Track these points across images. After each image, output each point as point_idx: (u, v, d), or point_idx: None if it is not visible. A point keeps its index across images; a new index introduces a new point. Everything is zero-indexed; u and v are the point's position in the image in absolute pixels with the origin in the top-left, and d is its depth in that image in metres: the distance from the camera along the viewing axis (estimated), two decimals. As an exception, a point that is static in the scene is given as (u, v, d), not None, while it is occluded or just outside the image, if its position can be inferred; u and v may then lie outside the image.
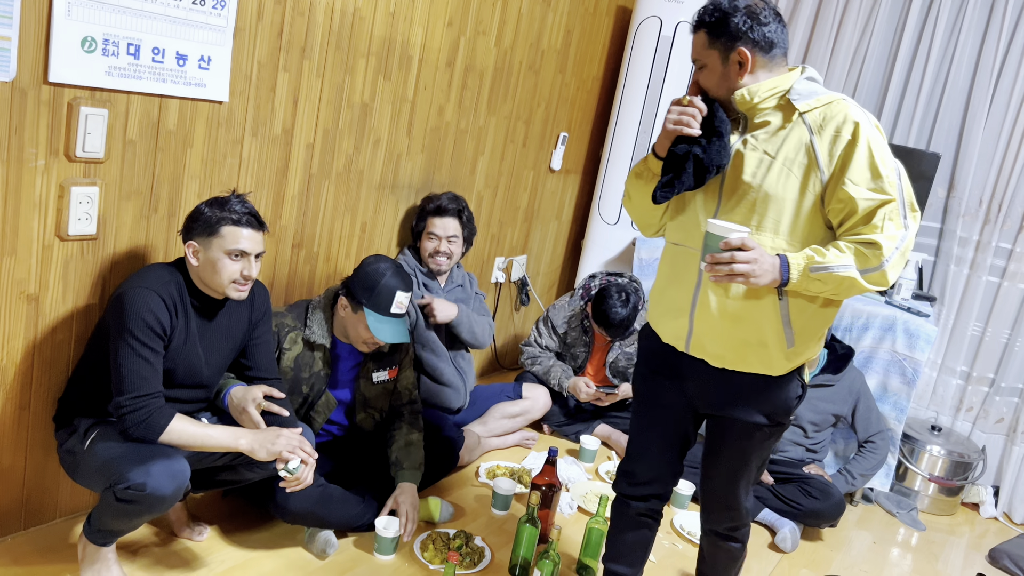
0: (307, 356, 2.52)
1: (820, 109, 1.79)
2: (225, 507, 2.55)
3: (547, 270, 4.35)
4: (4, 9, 1.82)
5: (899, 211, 1.74)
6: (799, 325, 1.85)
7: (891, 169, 1.75)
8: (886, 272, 1.74)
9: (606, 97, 4.26)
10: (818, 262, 1.73)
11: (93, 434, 2.03)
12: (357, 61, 2.75)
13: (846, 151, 1.75)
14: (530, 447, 3.41)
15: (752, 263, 1.70)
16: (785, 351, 1.86)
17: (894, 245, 1.73)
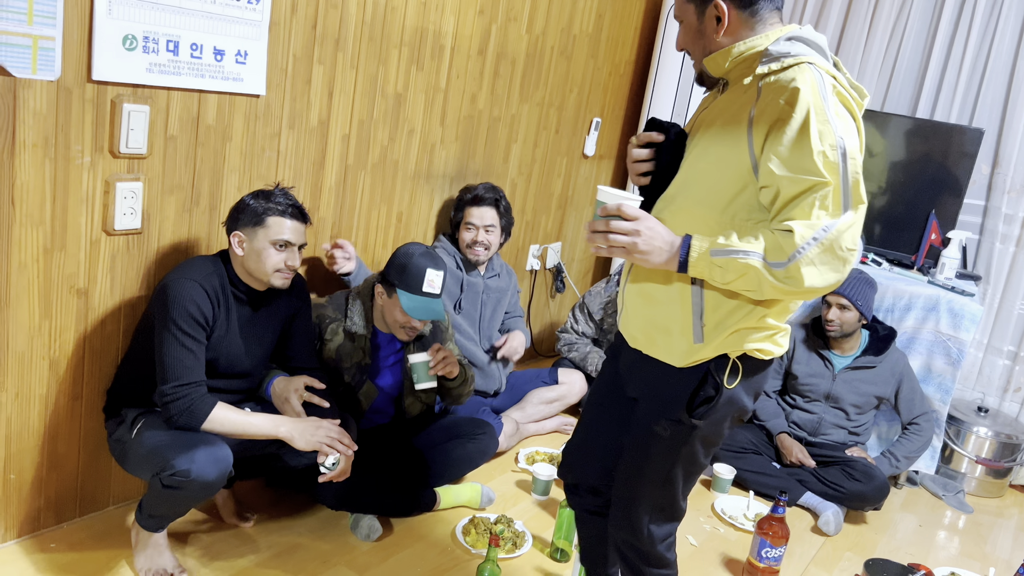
0: (348, 346, 2.55)
1: (779, 74, 1.49)
2: (271, 495, 2.60)
3: (582, 257, 4.35)
4: (47, 10, 1.87)
5: (837, 198, 1.44)
6: (712, 321, 1.58)
7: (831, 146, 1.44)
8: (799, 268, 1.42)
9: (639, 81, 4.24)
10: (720, 244, 1.48)
11: (140, 423, 2.09)
12: (390, 52, 2.77)
13: (779, 122, 1.46)
14: (569, 432, 3.42)
15: (633, 235, 1.50)
16: (690, 344, 1.60)
17: (813, 235, 1.42)
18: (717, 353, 1.59)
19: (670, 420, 1.63)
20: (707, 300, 1.57)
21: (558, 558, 2.50)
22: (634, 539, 1.75)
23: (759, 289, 1.48)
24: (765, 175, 1.48)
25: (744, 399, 1.65)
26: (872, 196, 3.78)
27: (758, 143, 1.48)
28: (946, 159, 3.64)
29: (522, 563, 2.47)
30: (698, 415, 1.61)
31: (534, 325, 4.11)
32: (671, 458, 1.67)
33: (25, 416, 2.11)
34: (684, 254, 1.50)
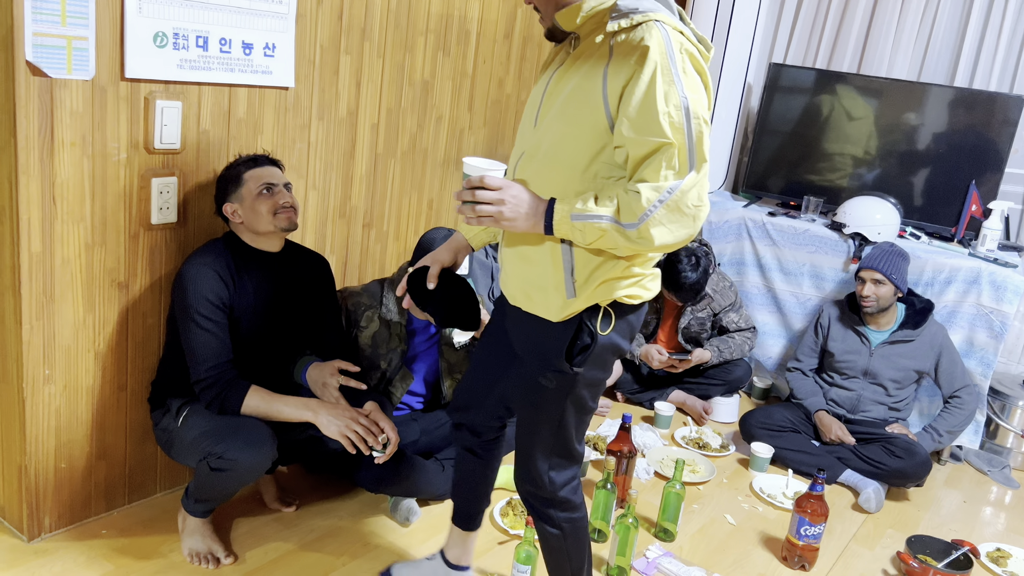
0: (383, 333, 2.59)
1: (628, 32, 1.50)
2: (311, 480, 2.65)
3: (615, 238, 4.32)
4: (79, 10, 1.91)
5: (683, 157, 1.47)
6: (582, 277, 1.63)
7: (676, 107, 1.46)
8: (648, 228, 1.48)
9: (668, 59, 4.18)
10: (579, 209, 1.53)
11: (185, 412, 2.15)
12: (416, 39, 2.78)
13: (630, 82, 1.47)
14: (604, 415, 3.43)
15: (498, 204, 1.55)
16: (564, 299, 1.65)
17: (658, 197, 1.46)
18: (588, 304, 1.65)
19: (553, 371, 1.70)
20: (576, 258, 1.62)
21: (595, 538, 2.51)
22: (537, 488, 1.83)
23: (618, 247, 1.55)
24: (617, 136, 1.52)
25: (619, 341, 1.72)
26: (910, 168, 3.71)
27: (613, 104, 1.51)
28: (986, 128, 3.55)
29: (560, 544, 2.49)
30: (578, 363, 1.68)
31: (568, 308, 4.11)
32: (560, 406, 1.74)
33: (73, 407, 2.18)
34: (548, 219, 1.57)
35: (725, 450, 3.25)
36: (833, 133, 3.84)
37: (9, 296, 2.03)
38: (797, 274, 3.70)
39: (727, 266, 3.86)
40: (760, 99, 3.98)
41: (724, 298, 3.52)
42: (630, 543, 2.29)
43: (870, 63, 4.00)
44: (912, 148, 3.70)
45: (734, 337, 3.52)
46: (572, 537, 1.87)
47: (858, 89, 3.78)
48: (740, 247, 3.83)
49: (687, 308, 3.47)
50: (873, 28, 3.98)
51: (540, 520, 1.87)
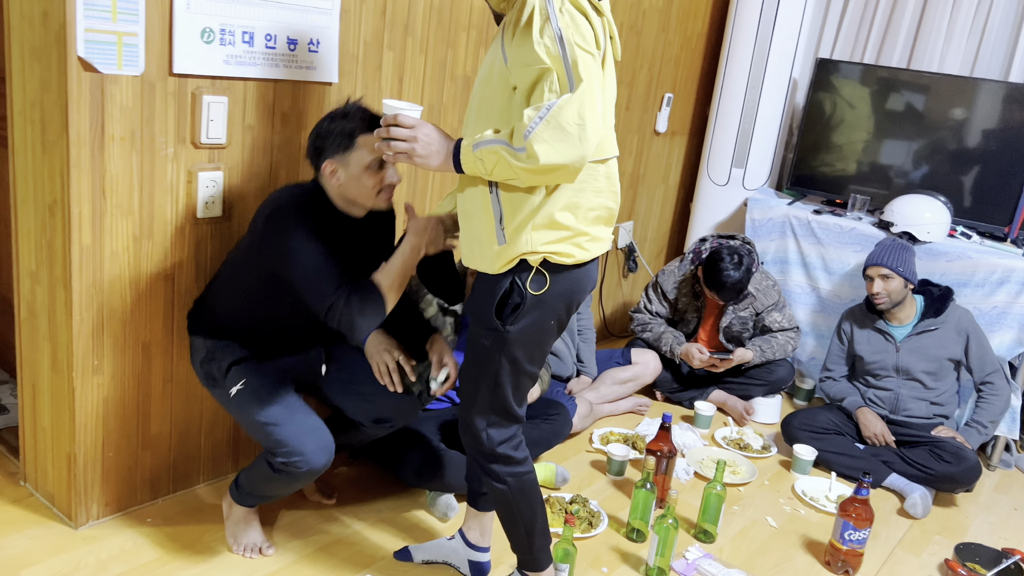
0: (440, 319, 2.60)
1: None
2: (351, 473, 2.67)
3: (655, 235, 4.29)
4: (129, 7, 1.94)
5: (563, 81, 1.57)
6: (510, 224, 1.70)
7: (551, 38, 1.56)
8: (531, 145, 1.55)
9: (712, 54, 4.14)
10: (479, 138, 1.64)
11: (238, 385, 2.08)
12: (458, 34, 2.78)
13: (514, 29, 1.61)
14: (643, 413, 3.40)
15: (411, 141, 1.66)
16: (496, 247, 1.73)
17: (538, 115, 1.55)
18: (520, 251, 1.71)
19: (487, 328, 1.78)
20: (504, 205, 1.70)
21: (634, 538, 2.49)
22: (476, 442, 1.90)
23: (515, 175, 1.62)
24: (512, 77, 1.64)
25: (555, 303, 1.77)
26: (960, 166, 3.61)
27: (507, 53, 1.64)
28: (1043, 124, 3.44)
29: (597, 543, 2.47)
30: (509, 321, 1.75)
31: (606, 305, 4.09)
32: (494, 364, 1.80)
33: (120, 397, 2.22)
34: (456, 153, 1.67)
35: (767, 451, 3.20)
36: (881, 129, 3.76)
37: (60, 288, 2.07)
38: (842, 273, 3.63)
39: (770, 264, 3.80)
40: (806, 95, 3.91)
41: (767, 297, 3.46)
42: (670, 544, 2.27)
43: (920, 58, 3.90)
44: (963, 145, 3.60)
45: (777, 337, 3.47)
46: (518, 492, 1.93)
47: (907, 84, 3.69)
48: (784, 245, 3.77)
49: (729, 307, 3.43)
50: (924, 22, 3.88)
51: (486, 475, 1.94)
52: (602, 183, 1.77)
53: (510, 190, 1.69)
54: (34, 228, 2.11)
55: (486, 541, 2.19)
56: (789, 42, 3.77)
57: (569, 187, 1.71)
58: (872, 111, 3.77)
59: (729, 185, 3.96)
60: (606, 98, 1.73)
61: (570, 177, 1.63)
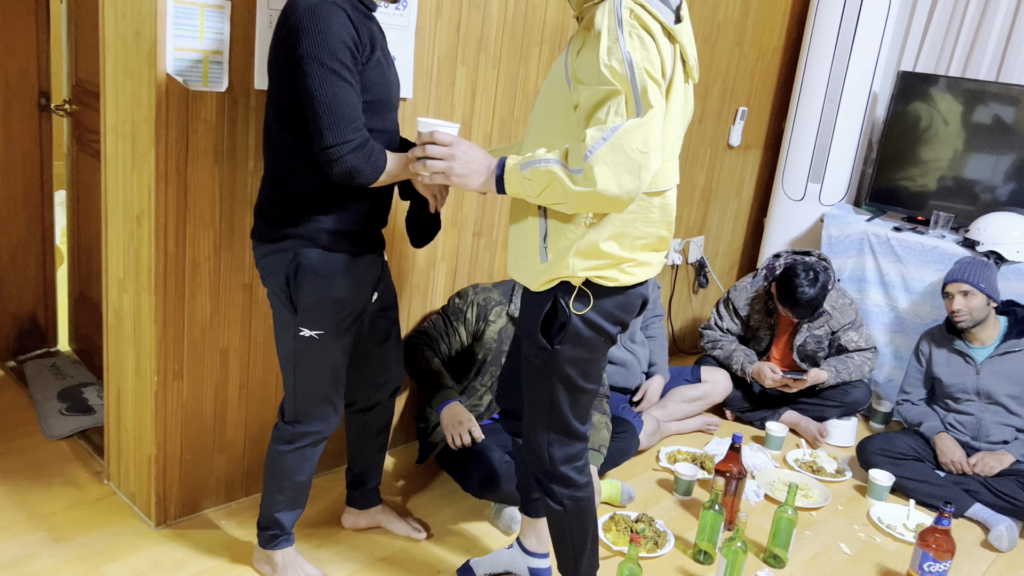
0: (509, 330, 2.63)
1: (592, 9, 1.59)
2: (416, 483, 2.69)
3: (727, 251, 4.22)
4: (216, 27, 2.02)
5: (630, 105, 1.50)
6: (554, 244, 1.67)
7: (619, 60, 1.51)
8: (592, 168, 1.48)
9: (788, 68, 4.06)
10: (528, 157, 1.56)
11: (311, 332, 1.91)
12: (531, 49, 2.80)
13: (581, 49, 1.57)
14: (712, 432, 3.34)
15: (448, 159, 1.59)
16: (538, 264, 1.70)
17: (601, 136, 1.48)
18: (560, 274, 1.68)
19: (537, 347, 1.75)
20: (550, 224, 1.67)
21: (701, 560, 2.44)
22: (538, 460, 1.86)
23: (566, 198, 1.54)
24: (574, 95, 1.59)
25: (602, 323, 1.73)
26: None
27: (571, 70, 1.60)
28: None
29: (663, 563, 2.43)
30: (556, 341, 1.73)
31: (675, 321, 4.03)
32: (548, 383, 1.77)
33: (198, 402, 2.29)
34: (499, 172, 1.59)
35: (841, 475, 3.10)
36: (966, 144, 3.62)
37: (145, 295, 2.16)
38: (923, 293, 3.50)
39: (847, 282, 3.69)
40: (887, 109, 3.79)
41: (843, 316, 3.36)
42: (738, 568, 2.22)
43: (1010, 70, 3.75)
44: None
45: (853, 357, 3.36)
46: (574, 515, 1.90)
47: (996, 97, 3.54)
48: (862, 263, 3.66)
49: (803, 325, 3.34)
50: (1016, 32, 3.73)
51: (545, 495, 1.91)
52: (655, 214, 1.70)
53: (558, 216, 1.66)
54: (122, 238, 2.21)
55: (544, 547, 2.18)
56: (870, 55, 3.67)
57: (618, 217, 1.65)
58: (957, 125, 3.63)
59: (805, 200, 3.87)
60: (668, 128, 1.65)
61: (620, 208, 1.56)
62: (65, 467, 2.51)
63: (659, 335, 3.32)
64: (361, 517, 2.41)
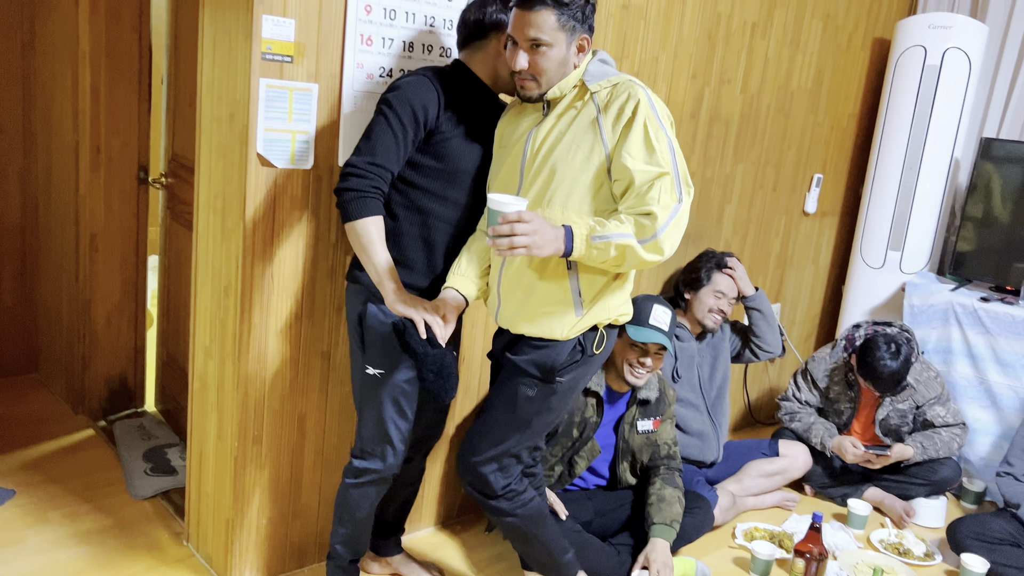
0: (581, 401, 2.61)
1: (608, 89, 1.89)
2: (488, 554, 2.67)
3: (804, 319, 4.13)
4: (303, 108, 2.13)
5: (674, 184, 1.83)
6: (589, 296, 1.96)
7: (665, 145, 1.84)
8: (660, 241, 1.81)
9: (864, 134, 4.01)
10: (598, 231, 1.81)
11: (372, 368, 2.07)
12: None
13: (625, 127, 1.84)
14: (791, 509, 3.22)
15: (532, 234, 1.75)
16: (574, 318, 1.97)
17: (668, 215, 1.81)
18: (598, 320, 1.99)
19: (539, 381, 2.01)
20: (582, 281, 1.95)
21: (780, 646, 2.34)
22: (484, 486, 2.08)
23: (626, 263, 1.85)
24: (619, 170, 1.85)
25: (602, 358, 2.07)
26: None
27: (611, 146, 1.87)
28: None
29: (741, 648, 2.34)
30: (562, 375, 2.00)
31: (751, 391, 3.94)
32: (534, 412, 2.04)
33: (276, 467, 2.35)
34: (569, 243, 1.81)
35: (930, 559, 2.94)
36: (1058, 211, 3.49)
37: (229, 362, 2.24)
38: (1016, 366, 3.34)
39: (932, 354, 3.56)
40: (970, 175, 3.70)
41: (929, 389, 3.23)
42: (820, 657, 2.11)
43: (1103, 135, 3.62)
44: None
45: (940, 433, 3.22)
46: (528, 518, 2.14)
47: (1089, 164, 3.42)
48: (947, 334, 3.53)
49: (886, 398, 3.22)
50: None
51: (493, 514, 2.14)
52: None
53: (590, 270, 1.93)
54: (210, 307, 2.31)
55: None
56: (950, 121, 3.60)
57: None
58: (1047, 192, 3.51)
59: (885, 268, 3.78)
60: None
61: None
62: (148, 528, 2.58)
63: (724, 399, 3.24)
64: (377, 564, 2.48)
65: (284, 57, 2.06)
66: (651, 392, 2.67)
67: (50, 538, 2.46)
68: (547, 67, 1.88)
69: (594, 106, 1.89)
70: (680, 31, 2.99)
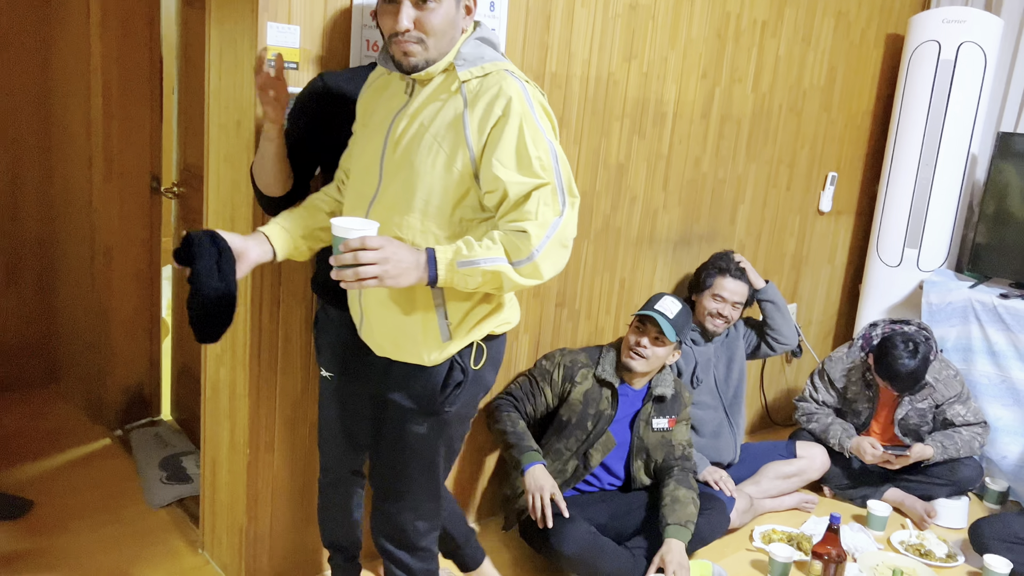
0: (596, 392, 2.62)
1: (481, 79, 1.60)
2: (505, 557, 2.66)
3: (820, 319, 4.09)
4: (311, 115, 2.12)
5: (556, 195, 1.58)
6: (456, 319, 1.69)
7: (544, 150, 1.57)
8: (537, 264, 1.57)
9: (879, 131, 3.97)
10: (465, 255, 1.55)
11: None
12: (612, 124, 2.84)
13: (495, 129, 1.56)
14: (809, 511, 3.18)
15: (383, 263, 1.49)
16: (439, 343, 1.69)
17: (545, 233, 1.56)
18: (471, 339, 1.71)
19: (425, 415, 1.74)
20: (448, 301, 1.67)
21: (799, 650, 2.31)
22: (403, 537, 1.85)
23: (502, 287, 1.59)
24: (489, 181, 1.57)
25: (488, 375, 1.79)
26: None
27: (477, 150, 1.58)
28: None
29: (758, 652, 2.31)
30: (451, 402, 1.73)
31: (768, 393, 3.91)
32: (432, 449, 1.78)
33: (288, 474, 2.35)
34: (432, 270, 1.55)
35: (952, 560, 2.90)
36: (1079, 205, 3.43)
37: (240, 369, 2.25)
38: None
39: (951, 352, 3.51)
40: (987, 170, 3.65)
41: (948, 388, 3.19)
42: (839, 661, 2.08)
43: (1123, 127, 3.55)
44: None
45: (961, 432, 3.17)
46: None
47: (1109, 156, 3.36)
48: (967, 332, 3.48)
49: (905, 398, 3.18)
50: None
51: (396, 566, 1.88)
52: None
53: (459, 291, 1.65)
54: (221, 314, 2.31)
55: None
56: (966, 117, 3.56)
57: None
58: (1067, 186, 3.45)
59: (902, 266, 3.73)
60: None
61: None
62: (165, 536, 2.59)
63: (742, 394, 3.22)
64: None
65: (289, 63, 2.07)
66: (667, 389, 2.67)
67: (70, 548, 2.48)
68: (436, 25, 1.58)
69: (461, 99, 1.59)
70: (689, 30, 2.97)
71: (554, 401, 2.67)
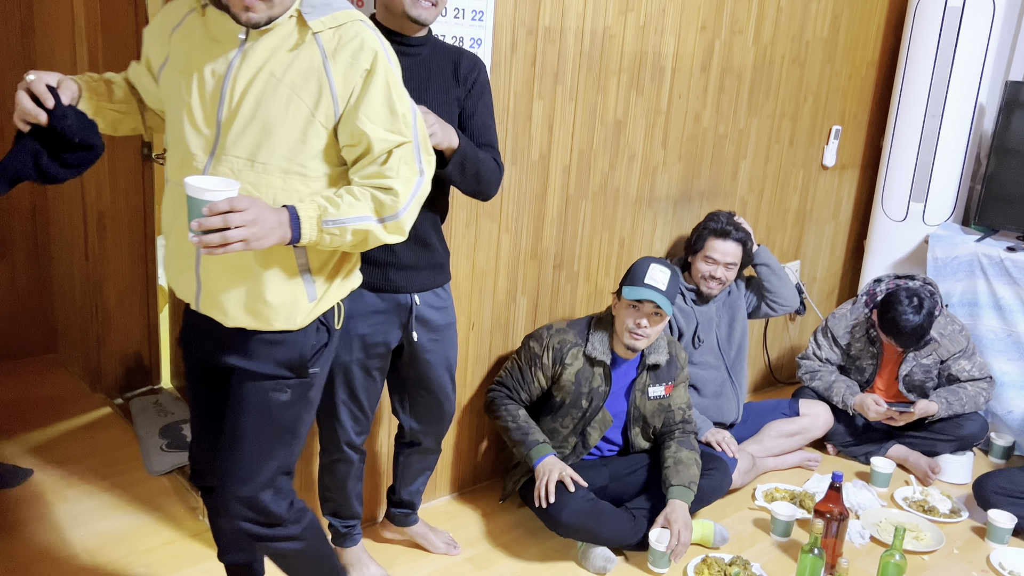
0: (588, 371, 2.56)
1: (335, 29, 1.53)
2: (501, 523, 2.66)
3: (825, 275, 4.04)
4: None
5: (414, 154, 1.59)
6: (321, 276, 1.64)
7: (407, 108, 1.58)
8: (401, 221, 1.58)
9: (884, 83, 3.88)
10: (332, 215, 1.51)
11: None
12: (609, 79, 2.76)
13: (364, 82, 1.53)
14: (812, 469, 3.17)
15: (250, 225, 1.40)
16: (307, 304, 1.62)
17: (410, 191, 1.58)
18: (337, 298, 1.68)
19: (288, 382, 1.65)
20: (311, 261, 1.61)
21: (801, 607, 2.31)
22: (262, 515, 1.67)
23: (366, 243, 1.58)
24: (353, 135, 1.54)
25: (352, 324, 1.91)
26: None
27: (343, 102, 1.53)
28: None
29: (760, 610, 2.31)
30: (315, 364, 1.68)
31: (771, 351, 3.88)
32: (294, 415, 1.68)
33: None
34: (296, 230, 1.49)
35: (956, 516, 2.89)
36: (1089, 155, 3.35)
37: (233, 336, 2.22)
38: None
39: (957, 307, 3.46)
40: (995, 121, 3.56)
41: (953, 343, 3.15)
42: (840, 618, 2.08)
43: None
44: None
45: (966, 387, 3.14)
46: (315, 535, 1.79)
47: (1121, 104, 3.27)
48: (972, 286, 3.43)
49: (909, 354, 3.15)
50: None
51: (276, 542, 1.72)
52: None
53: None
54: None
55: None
56: (974, 66, 3.46)
57: None
58: (1077, 135, 3.37)
59: (907, 221, 3.67)
60: None
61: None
62: (164, 503, 2.60)
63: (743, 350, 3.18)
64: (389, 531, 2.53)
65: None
66: (660, 356, 2.62)
67: (69, 515, 2.48)
68: None
69: (318, 49, 1.51)
70: (687, -19, 2.89)
71: (547, 384, 2.61)
